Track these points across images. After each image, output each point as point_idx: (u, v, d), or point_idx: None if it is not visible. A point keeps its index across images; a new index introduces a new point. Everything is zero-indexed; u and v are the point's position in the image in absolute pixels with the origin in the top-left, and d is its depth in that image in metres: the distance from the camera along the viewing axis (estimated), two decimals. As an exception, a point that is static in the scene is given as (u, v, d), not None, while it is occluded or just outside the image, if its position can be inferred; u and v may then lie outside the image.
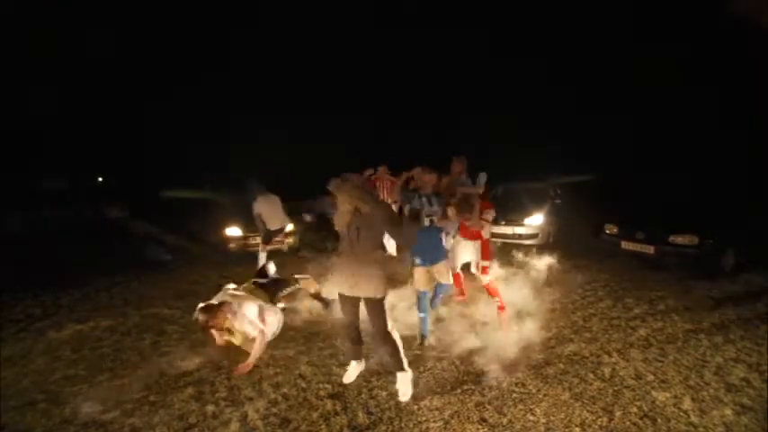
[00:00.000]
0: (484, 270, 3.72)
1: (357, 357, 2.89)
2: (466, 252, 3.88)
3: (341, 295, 2.61)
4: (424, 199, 3.74)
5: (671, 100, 13.76)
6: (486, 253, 3.74)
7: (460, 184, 5.10)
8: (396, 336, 2.62)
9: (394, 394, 2.64)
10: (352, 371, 2.87)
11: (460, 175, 4.80)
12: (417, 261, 3.39)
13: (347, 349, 2.97)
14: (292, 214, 7.24)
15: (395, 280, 4.84)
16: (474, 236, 3.78)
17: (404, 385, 2.64)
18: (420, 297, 3.39)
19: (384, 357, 2.90)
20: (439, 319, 3.87)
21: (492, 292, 3.72)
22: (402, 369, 2.63)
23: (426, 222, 3.66)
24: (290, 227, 7.06)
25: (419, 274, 3.41)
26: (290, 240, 7.09)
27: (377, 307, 2.54)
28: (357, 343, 2.82)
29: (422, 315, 3.40)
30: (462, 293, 4.40)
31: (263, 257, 5.72)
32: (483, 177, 4.16)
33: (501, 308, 3.71)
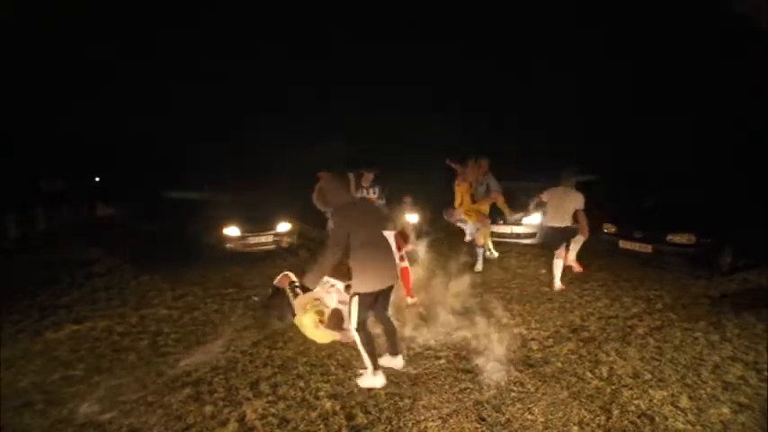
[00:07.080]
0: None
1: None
2: None
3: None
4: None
5: (670, 100, 13.80)
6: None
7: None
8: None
9: (393, 394, 2.65)
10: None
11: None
12: None
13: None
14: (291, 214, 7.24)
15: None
16: None
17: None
18: None
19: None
20: (437, 317, 3.87)
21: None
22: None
23: None
24: (288, 226, 7.06)
25: None
26: (290, 240, 7.08)
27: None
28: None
29: None
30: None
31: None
32: None
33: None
